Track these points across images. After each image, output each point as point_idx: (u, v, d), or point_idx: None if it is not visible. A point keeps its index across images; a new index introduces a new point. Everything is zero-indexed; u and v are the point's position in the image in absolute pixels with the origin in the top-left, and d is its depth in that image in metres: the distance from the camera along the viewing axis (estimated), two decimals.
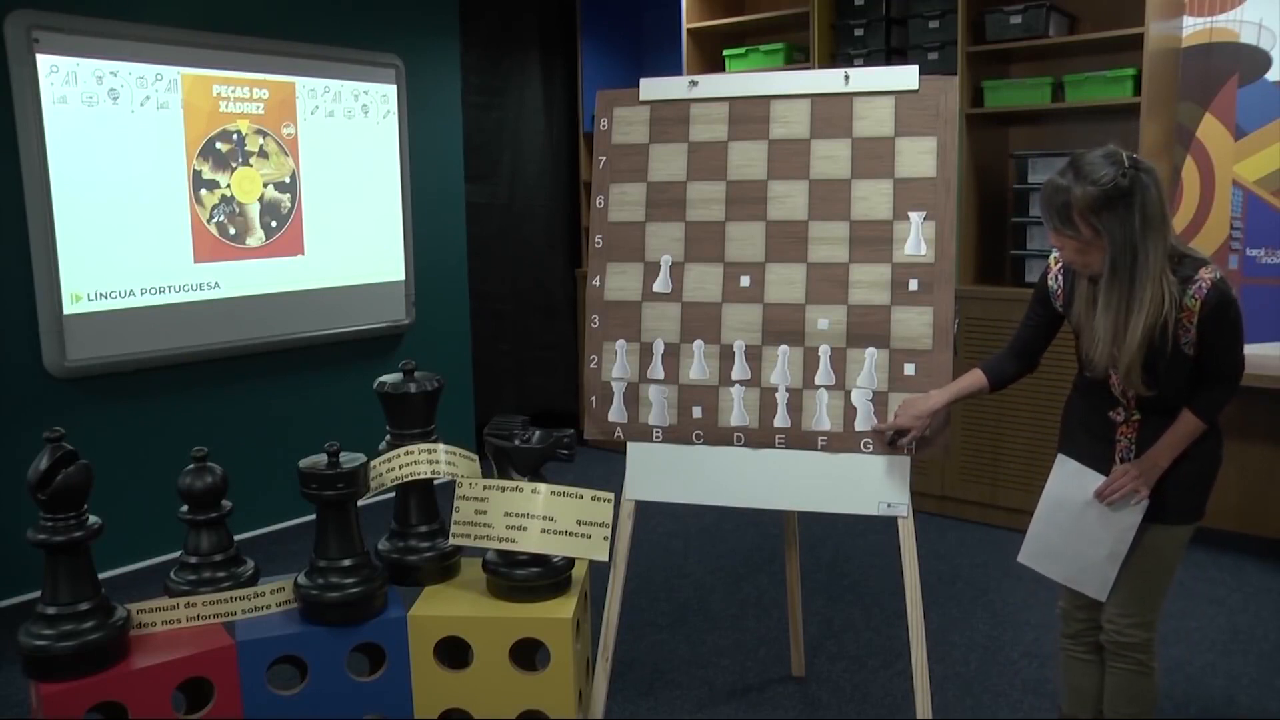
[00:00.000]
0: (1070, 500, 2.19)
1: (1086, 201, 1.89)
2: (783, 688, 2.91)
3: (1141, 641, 2.17)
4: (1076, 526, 2.18)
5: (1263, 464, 3.76)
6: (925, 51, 4.23)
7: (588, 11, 5.40)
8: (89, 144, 3.60)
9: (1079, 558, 2.19)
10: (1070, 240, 1.96)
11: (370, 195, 4.53)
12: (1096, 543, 2.16)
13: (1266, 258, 3.94)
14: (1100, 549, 2.15)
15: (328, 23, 4.30)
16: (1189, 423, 2.04)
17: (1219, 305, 1.95)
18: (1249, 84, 3.91)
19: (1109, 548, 2.14)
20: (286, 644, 2.10)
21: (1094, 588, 2.19)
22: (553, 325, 5.61)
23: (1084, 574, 2.19)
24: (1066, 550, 2.21)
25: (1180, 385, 2.03)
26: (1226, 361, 2.03)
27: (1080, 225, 1.92)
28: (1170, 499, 2.11)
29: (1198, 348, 1.99)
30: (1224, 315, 1.96)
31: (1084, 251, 1.96)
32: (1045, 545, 2.24)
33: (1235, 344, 2.03)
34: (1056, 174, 1.96)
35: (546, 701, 2.17)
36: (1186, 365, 2.01)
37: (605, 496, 2.23)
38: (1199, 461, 2.10)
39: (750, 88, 2.47)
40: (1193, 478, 2.11)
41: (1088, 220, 1.91)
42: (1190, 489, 2.12)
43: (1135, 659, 2.18)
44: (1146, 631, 2.17)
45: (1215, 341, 1.99)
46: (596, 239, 2.55)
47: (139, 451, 3.83)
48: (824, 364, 2.36)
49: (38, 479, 1.87)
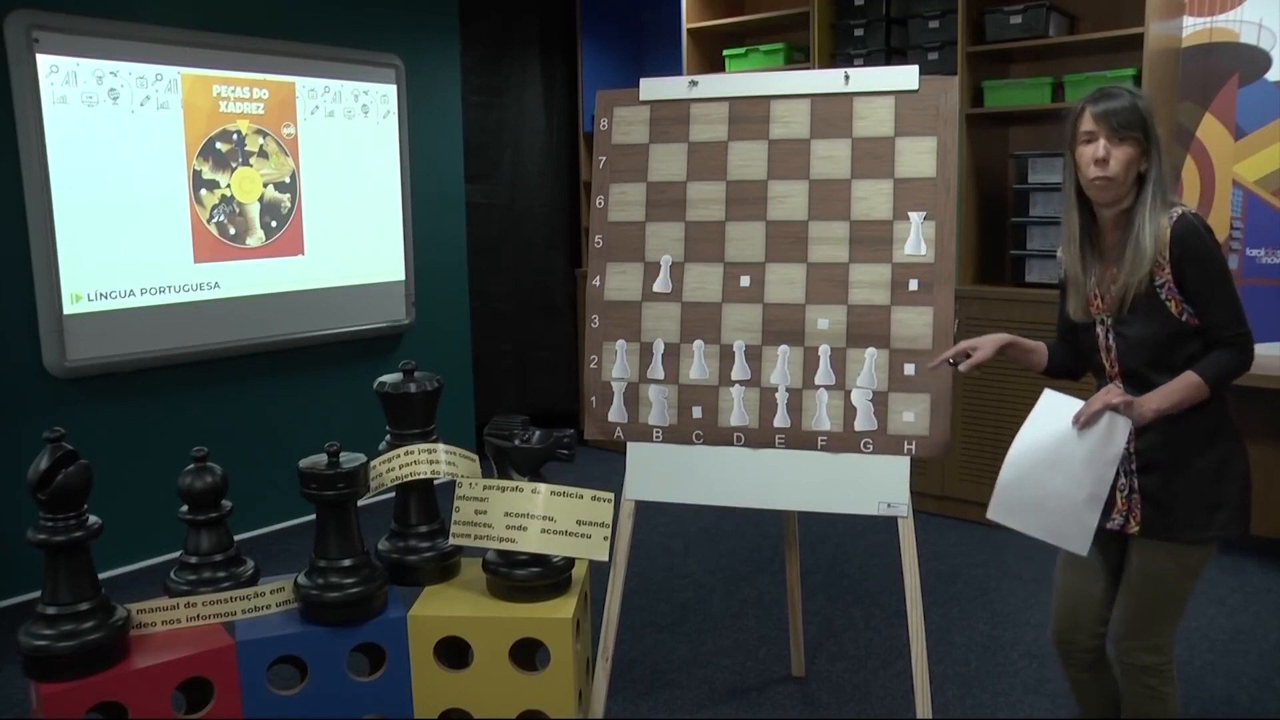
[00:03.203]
0: (1048, 437, 1.98)
1: (1150, 109, 1.97)
2: (783, 688, 2.92)
3: (1151, 665, 2.05)
4: (1054, 467, 1.97)
5: (1263, 464, 3.76)
6: (925, 51, 4.23)
7: (588, 11, 5.41)
8: (89, 144, 3.60)
9: (1055, 504, 1.96)
10: (1130, 147, 1.95)
11: (370, 195, 4.53)
12: (1075, 483, 1.94)
13: (1266, 258, 3.94)
14: (1079, 490, 1.94)
15: (328, 23, 4.31)
16: (1188, 377, 1.92)
17: (1187, 234, 1.92)
18: (1249, 84, 3.91)
19: (1089, 488, 1.93)
20: (286, 644, 2.09)
21: (1074, 540, 1.96)
22: (553, 325, 5.61)
23: (1061, 523, 1.96)
24: (1042, 497, 1.98)
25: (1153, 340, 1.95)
26: (1222, 312, 1.92)
27: (1149, 130, 1.96)
28: (1169, 512, 1.98)
29: (1183, 299, 1.93)
30: (1196, 244, 1.92)
31: (1132, 162, 1.96)
32: (1018, 495, 2.00)
33: (1220, 283, 1.92)
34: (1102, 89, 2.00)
35: (546, 701, 2.17)
36: (1161, 314, 1.94)
37: (605, 496, 2.23)
38: (1200, 472, 1.97)
39: (750, 88, 2.47)
40: (1196, 490, 1.97)
41: (1147, 127, 1.96)
42: (1192, 502, 1.97)
43: (1146, 684, 2.06)
44: (1157, 655, 2.05)
45: (1198, 285, 1.91)
46: (596, 239, 2.55)
47: (139, 451, 3.83)
48: (824, 364, 2.36)
49: (38, 479, 1.86)
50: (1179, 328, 1.95)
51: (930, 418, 2.29)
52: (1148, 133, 1.96)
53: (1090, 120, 1.97)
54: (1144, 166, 1.97)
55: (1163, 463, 2.00)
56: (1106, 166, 1.95)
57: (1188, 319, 1.95)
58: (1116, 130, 1.94)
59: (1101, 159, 1.95)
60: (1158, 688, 2.06)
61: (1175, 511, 1.98)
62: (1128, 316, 1.99)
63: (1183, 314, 1.95)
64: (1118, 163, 1.95)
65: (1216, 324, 1.93)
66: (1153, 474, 2.01)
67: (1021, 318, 3.91)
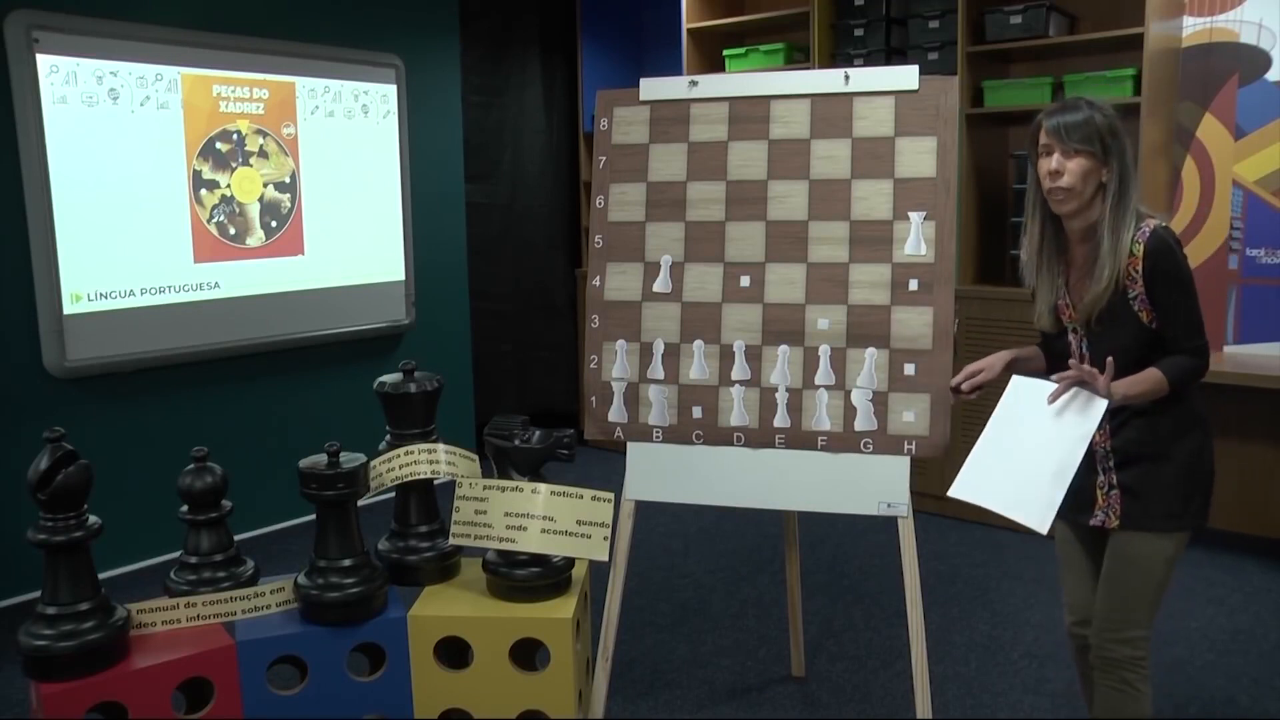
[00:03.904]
0: (1018, 417, 2.03)
1: (1107, 124, 1.98)
2: (783, 688, 2.92)
3: (1125, 659, 2.07)
4: (1022, 443, 1.99)
5: (1263, 464, 3.76)
6: (925, 51, 4.23)
7: (588, 11, 5.41)
8: (89, 144, 3.60)
9: (1020, 478, 1.97)
10: (1084, 160, 1.98)
11: (370, 195, 4.53)
12: (1044, 454, 1.95)
13: (1266, 258, 3.94)
14: (1047, 462, 1.94)
15: (328, 23, 4.31)
16: (1153, 372, 1.96)
17: (1159, 251, 1.95)
18: (1249, 84, 3.91)
19: (1057, 460, 1.93)
20: (286, 644, 2.09)
21: (1035, 515, 1.94)
22: (553, 325, 5.61)
23: (1024, 495, 1.95)
24: (1007, 472, 2.00)
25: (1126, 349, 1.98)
26: (1184, 324, 1.97)
27: (1104, 143, 1.97)
28: (1150, 503, 2.03)
29: (1153, 310, 1.97)
30: (1166, 261, 1.95)
31: (1089, 175, 1.98)
32: (983, 471, 2.04)
33: (1186, 300, 1.97)
34: (1061, 102, 2.04)
35: (546, 701, 2.17)
36: (1133, 325, 1.99)
37: (605, 496, 2.23)
38: (1179, 462, 2.02)
39: (750, 88, 2.47)
40: (1174, 480, 2.02)
41: (1105, 141, 1.97)
42: (1171, 492, 2.02)
43: (1119, 677, 2.07)
44: (1131, 649, 2.06)
45: (1165, 299, 1.96)
46: (596, 239, 2.55)
47: (139, 451, 3.83)
48: (824, 364, 2.36)
49: (38, 479, 1.86)
50: (1151, 337, 2.00)
51: (930, 418, 2.29)
52: (1106, 146, 1.98)
53: (1045, 133, 2.02)
54: (1105, 178, 2.00)
55: (1141, 456, 2.05)
56: (1060, 179, 2.00)
57: (1159, 328, 2.00)
58: (1070, 144, 1.98)
59: (1055, 171, 2.00)
60: (1133, 683, 2.08)
61: (1154, 502, 2.03)
62: (1098, 327, 2.04)
63: (1153, 323, 2.00)
64: (1072, 175, 1.99)
65: (1178, 335, 1.99)
66: (1130, 468, 2.06)
67: (1022, 318, 3.89)
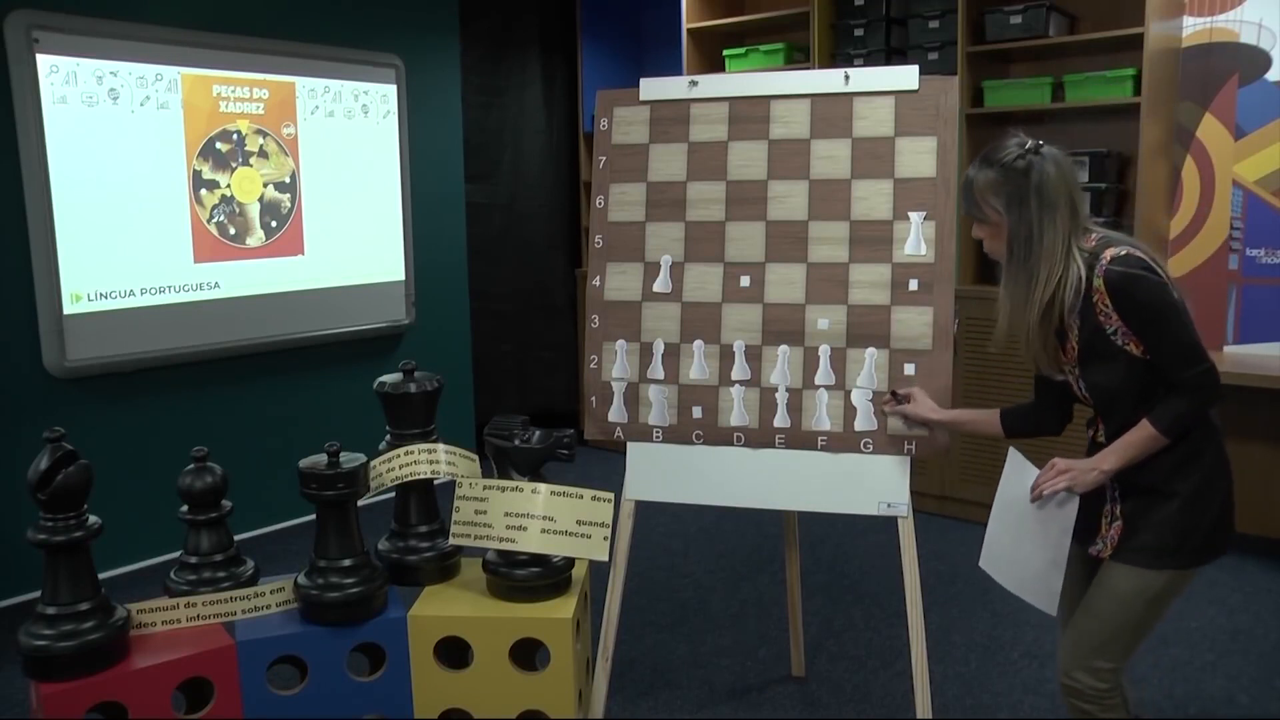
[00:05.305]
0: (1015, 498, 2.00)
1: (986, 183, 1.95)
2: (783, 688, 2.92)
3: (1087, 690, 1.93)
4: (1021, 528, 1.99)
5: (1263, 464, 3.76)
6: (925, 51, 4.23)
7: (588, 11, 5.40)
8: (89, 144, 3.60)
9: (1026, 564, 1.99)
10: (981, 225, 2.00)
11: (370, 195, 4.53)
12: (1039, 548, 1.96)
13: (1266, 258, 3.94)
14: (1044, 554, 1.96)
15: (328, 23, 4.31)
16: (1143, 429, 1.86)
17: (1121, 284, 1.83)
18: (1249, 84, 3.91)
19: (1050, 554, 1.95)
20: (286, 644, 2.09)
21: (1041, 599, 1.98)
22: (553, 325, 5.61)
23: (1031, 583, 1.99)
24: (1015, 555, 2.01)
25: (1122, 385, 1.89)
26: (1171, 355, 1.83)
27: (985, 209, 1.96)
28: (1143, 536, 1.90)
29: (1141, 343, 1.87)
30: (1134, 291, 1.82)
31: (996, 237, 1.98)
32: (1000, 549, 2.05)
33: (1167, 329, 1.83)
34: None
35: (546, 701, 2.17)
36: (1123, 359, 1.88)
37: (605, 496, 2.23)
38: (1182, 498, 1.88)
39: (750, 88, 2.48)
40: (1172, 515, 1.89)
41: (989, 203, 1.95)
42: (1165, 527, 1.89)
43: (1081, 709, 1.94)
44: (1095, 680, 1.93)
45: (1142, 331, 1.84)
46: (596, 239, 2.55)
47: (139, 451, 3.83)
48: (824, 364, 2.36)
49: (38, 479, 1.86)
50: (1148, 368, 1.88)
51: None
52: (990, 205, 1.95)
53: None
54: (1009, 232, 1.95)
55: (1141, 488, 1.93)
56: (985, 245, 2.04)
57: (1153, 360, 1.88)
58: (969, 214, 2.02)
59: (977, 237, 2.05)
60: (1094, 715, 1.94)
61: (1146, 535, 1.91)
62: (1087, 369, 1.94)
63: (1147, 354, 1.88)
64: (987, 240, 2.02)
65: (1168, 367, 1.85)
66: (1132, 499, 1.95)
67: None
